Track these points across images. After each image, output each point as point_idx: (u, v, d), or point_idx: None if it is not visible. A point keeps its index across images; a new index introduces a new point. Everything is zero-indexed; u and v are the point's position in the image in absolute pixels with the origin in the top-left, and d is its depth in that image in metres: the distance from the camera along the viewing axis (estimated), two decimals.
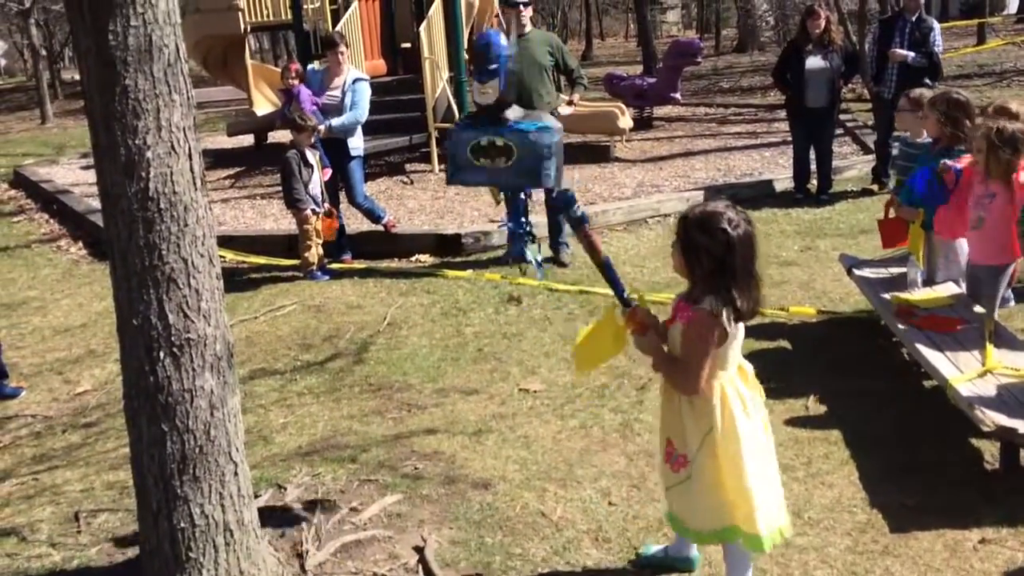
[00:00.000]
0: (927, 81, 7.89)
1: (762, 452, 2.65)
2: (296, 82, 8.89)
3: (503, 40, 6.31)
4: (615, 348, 2.82)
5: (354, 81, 7.12)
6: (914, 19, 8.16)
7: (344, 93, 7.08)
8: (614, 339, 2.80)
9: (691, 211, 2.62)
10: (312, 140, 6.88)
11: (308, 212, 6.81)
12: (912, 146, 5.25)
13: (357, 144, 7.19)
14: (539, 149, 6.49)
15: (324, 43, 7.28)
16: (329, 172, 7.11)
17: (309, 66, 7.80)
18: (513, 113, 6.50)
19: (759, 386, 2.75)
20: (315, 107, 7.14)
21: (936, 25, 8.30)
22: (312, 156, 6.91)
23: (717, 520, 2.69)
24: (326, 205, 6.99)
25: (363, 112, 7.11)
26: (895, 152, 5.74)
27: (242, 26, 12.37)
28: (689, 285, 2.67)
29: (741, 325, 2.63)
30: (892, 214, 5.04)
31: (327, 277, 6.88)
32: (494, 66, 6.45)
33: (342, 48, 7.17)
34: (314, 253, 6.90)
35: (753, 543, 2.65)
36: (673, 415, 2.73)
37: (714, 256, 2.52)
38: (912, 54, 8.04)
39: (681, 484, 2.73)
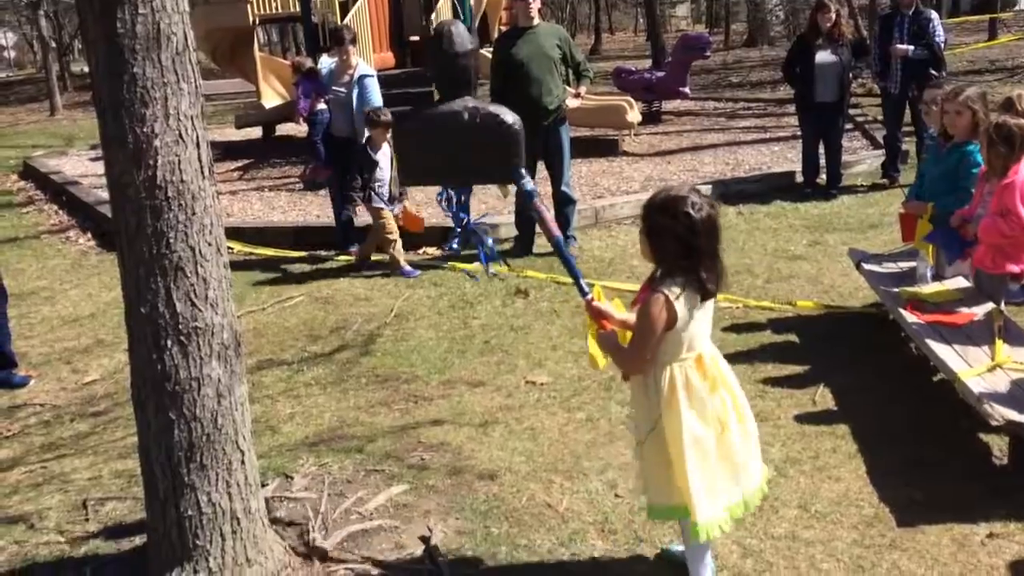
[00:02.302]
0: (932, 72, 7.94)
1: (706, 442, 2.65)
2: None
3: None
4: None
5: (360, 77, 7.12)
6: (911, 13, 8.17)
7: (351, 88, 7.08)
8: (593, 331, 2.86)
9: (655, 196, 2.65)
10: (387, 136, 6.62)
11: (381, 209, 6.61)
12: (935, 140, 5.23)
13: None
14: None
15: (332, 38, 7.25)
16: (326, 173, 7.10)
17: (321, 63, 7.77)
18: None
19: (722, 378, 2.72)
20: (308, 100, 7.10)
21: (934, 16, 8.32)
22: (384, 153, 6.69)
23: (666, 497, 2.75)
24: (402, 202, 6.81)
25: (375, 106, 7.11)
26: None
27: (250, 18, 12.38)
28: (655, 269, 2.69)
29: (703, 314, 2.65)
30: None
31: (418, 273, 6.67)
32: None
33: (348, 47, 7.17)
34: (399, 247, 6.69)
35: (692, 529, 2.69)
36: (635, 398, 2.82)
37: (679, 238, 2.55)
38: (912, 48, 8.05)
39: (640, 461, 2.83)
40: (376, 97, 7.14)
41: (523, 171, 3.22)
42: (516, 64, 6.56)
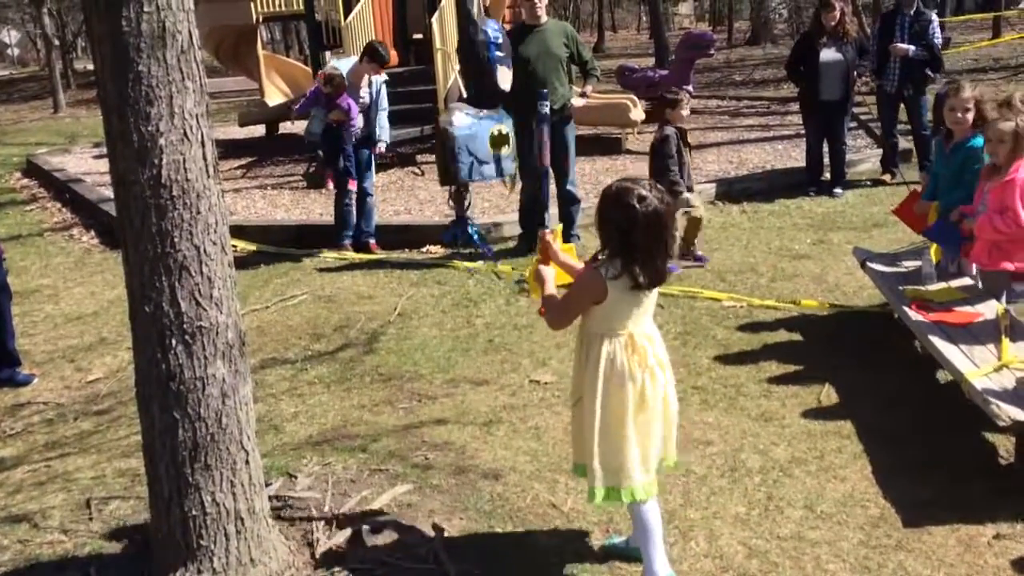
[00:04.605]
0: (929, 72, 8.24)
1: (618, 417, 2.76)
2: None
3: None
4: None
5: (383, 83, 7.32)
6: (912, 13, 8.30)
7: (376, 94, 7.25)
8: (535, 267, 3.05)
9: (612, 184, 2.77)
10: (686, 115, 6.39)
11: (684, 197, 6.23)
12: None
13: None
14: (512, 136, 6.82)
15: (373, 55, 7.15)
16: (355, 183, 7.17)
17: (331, 63, 7.70)
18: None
19: (651, 362, 2.78)
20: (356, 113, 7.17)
21: (935, 18, 8.49)
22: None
23: (579, 456, 2.93)
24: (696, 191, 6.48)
25: None
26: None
27: (254, 16, 12.37)
28: (598, 250, 2.82)
29: (640, 300, 2.75)
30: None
31: (677, 270, 6.20)
32: (501, 53, 6.49)
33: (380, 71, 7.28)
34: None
35: (588, 493, 2.84)
36: (574, 366, 2.99)
37: (620, 229, 2.66)
38: (913, 48, 8.17)
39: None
40: None
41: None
42: (523, 62, 6.54)
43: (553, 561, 3.10)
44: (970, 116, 4.65)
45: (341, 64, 7.47)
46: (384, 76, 7.38)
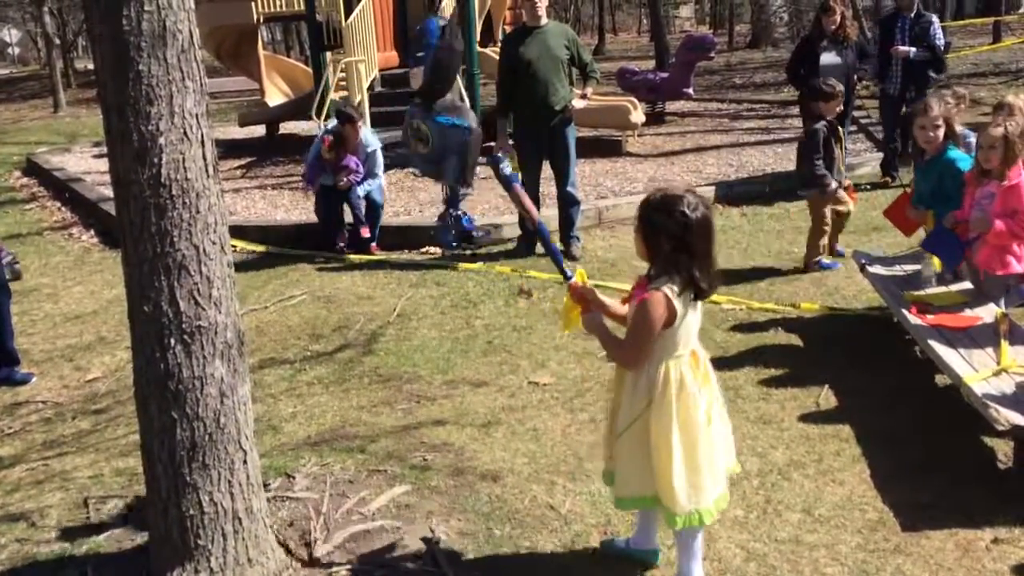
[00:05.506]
0: (931, 74, 8.29)
1: (694, 437, 2.69)
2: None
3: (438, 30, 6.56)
4: (577, 320, 2.89)
5: (375, 151, 7.39)
6: (912, 15, 8.37)
7: (367, 157, 7.35)
8: (573, 313, 2.86)
9: (652, 195, 2.67)
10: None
11: (831, 189, 6.05)
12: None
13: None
14: (448, 144, 6.88)
15: (340, 120, 7.28)
16: (366, 231, 7.27)
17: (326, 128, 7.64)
18: (441, 104, 6.66)
19: (710, 375, 2.78)
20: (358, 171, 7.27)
21: (935, 19, 8.56)
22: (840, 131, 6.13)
23: (636, 488, 2.80)
24: (846, 181, 6.26)
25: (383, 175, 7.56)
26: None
27: (255, 16, 12.37)
28: (649, 267, 2.72)
29: (695, 312, 2.69)
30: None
31: (837, 266, 6.18)
32: (421, 53, 6.57)
33: (359, 124, 7.36)
34: (826, 241, 6.17)
35: (668, 518, 2.75)
36: (621, 391, 2.81)
37: (674, 237, 2.57)
38: (914, 49, 8.24)
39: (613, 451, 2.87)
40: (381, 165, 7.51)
41: (500, 157, 3.20)
42: (523, 64, 6.55)
43: (551, 563, 3.10)
44: (940, 132, 4.75)
45: (328, 126, 7.56)
46: (375, 143, 7.42)
